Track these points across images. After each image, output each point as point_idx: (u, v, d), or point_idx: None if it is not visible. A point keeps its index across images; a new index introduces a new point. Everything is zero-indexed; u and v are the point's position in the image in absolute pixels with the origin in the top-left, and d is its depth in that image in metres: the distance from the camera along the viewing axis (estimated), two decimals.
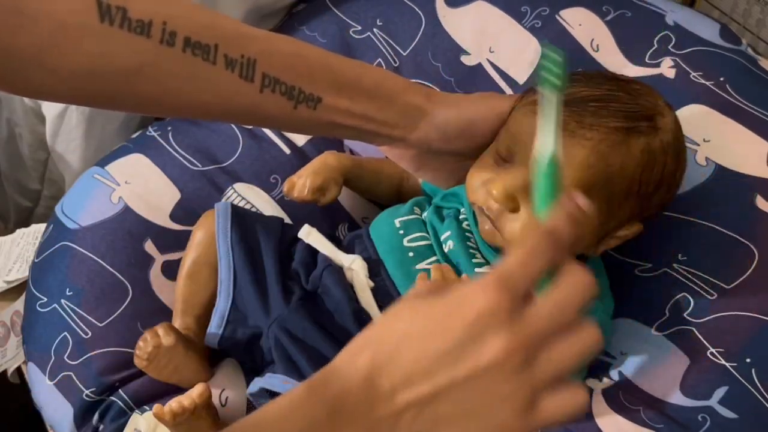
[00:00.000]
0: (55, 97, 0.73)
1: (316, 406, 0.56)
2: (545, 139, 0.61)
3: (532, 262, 0.56)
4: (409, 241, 0.95)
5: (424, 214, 0.98)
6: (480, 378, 0.54)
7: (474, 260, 0.91)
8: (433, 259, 0.93)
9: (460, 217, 0.95)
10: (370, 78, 0.83)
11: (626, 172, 0.83)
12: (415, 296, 0.59)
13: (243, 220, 0.99)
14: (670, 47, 1.07)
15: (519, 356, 0.54)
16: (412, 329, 0.56)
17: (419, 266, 0.93)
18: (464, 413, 0.55)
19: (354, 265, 0.94)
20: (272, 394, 0.88)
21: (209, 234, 0.98)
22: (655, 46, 1.07)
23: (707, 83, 1.02)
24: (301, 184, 1.02)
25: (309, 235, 0.98)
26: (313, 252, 0.98)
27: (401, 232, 0.96)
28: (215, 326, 0.95)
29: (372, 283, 0.93)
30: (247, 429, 0.56)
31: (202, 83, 0.72)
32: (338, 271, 0.95)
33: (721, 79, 1.03)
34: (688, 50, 1.06)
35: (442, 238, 0.94)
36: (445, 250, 0.93)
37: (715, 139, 0.98)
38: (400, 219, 0.98)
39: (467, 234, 0.93)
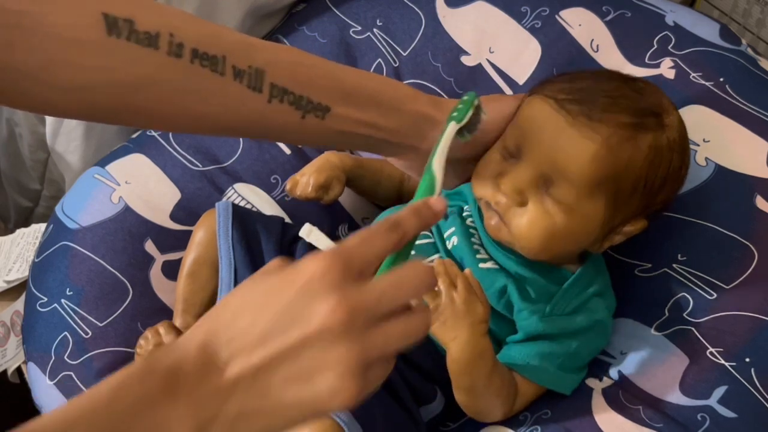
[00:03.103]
0: (60, 112, 0.72)
1: (150, 378, 0.55)
2: (433, 154, 0.73)
3: (370, 241, 0.58)
4: None
5: None
6: (310, 342, 0.55)
7: (478, 256, 0.91)
8: (436, 256, 0.93)
9: (464, 214, 0.95)
10: (376, 87, 0.82)
11: (634, 167, 0.84)
12: (259, 273, 0.59)
13: (244, 219, 0.99)
14: (669, 47, 1.07)
15: (346, 320, 0.54)
16: (249, 299, 0.57)
17: None
18: (297, 379, 0.55)
19: None
20: None
21: (210, 233, 0.99)
22: (655, 46, 1.07)
23: (707, 84, 1.02)
24: (305, 181, 1.02)
25: (310, 233, 0.98)
26: (314, 251, 0.98)
27: None
28: None
29: None
30: (82, 404, 0.55)
31: (210, 95, 0.72)
32: None
33: (721, 79, 1.03)
34: (688, 50, 1.06)
35: (446, 234, 0.94)
36: (449, 246, 0.93)
37: (714, 139, 0.99)
38: None
39: (471, 230, 0.93)
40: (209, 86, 0.71)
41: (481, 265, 0.91)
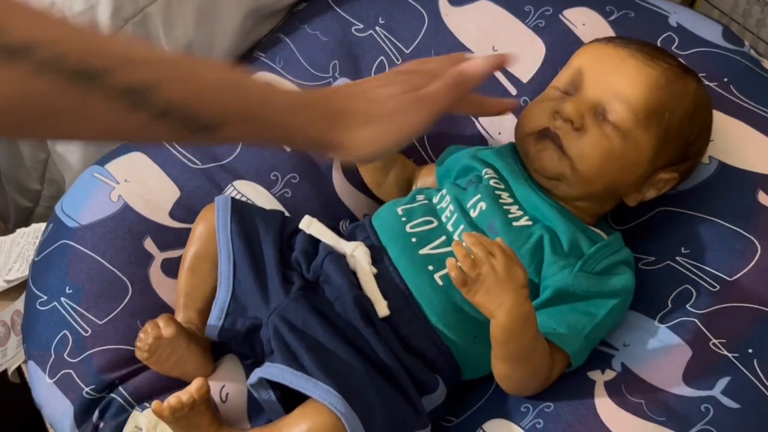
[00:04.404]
0: None
1: None
2: None
3: None
4: (411, 227, 0.95)
5: (435, 198, 0.99)
6: None
7: (509, 215, 0.93)
8: (438, 242, 0.94)
9: (485, 177, 0.97)
10: (275, 106, 0.77)
11: (683, 105, 0.93)
12: None
13: (243, 212, 0.99)
14: (673, 48, 1.07)
15: None
16: None
17: (423, 251, 0.93)
18: None
19: (356, 252, 0.94)
20: (272, 385, 0.88)
21: (210, 227, 0.98)
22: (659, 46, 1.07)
23: (711, 84, 1.03)
24: None
25: (310, 225, 0.98)
26: (314, 242, 0.98)
27: (404, 219, 0.96)
28: (215, 318, 0.95)
29: (375, 270, 0.93)
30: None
31: (85, 113, 0.63)
32: (340, 258, 0.94)
33: (725, 79, 1.04)
34: (691, 51, 1.06)
35: (470, 204, 0.95)
36: (473, 215, 0.94)
37: (719, 138, 0.99)
38: (403, 207, 0.98)
39: (497, 192, 0.95)
40: (85, 104, 0.62)
41: (515, 223, 0.93)
